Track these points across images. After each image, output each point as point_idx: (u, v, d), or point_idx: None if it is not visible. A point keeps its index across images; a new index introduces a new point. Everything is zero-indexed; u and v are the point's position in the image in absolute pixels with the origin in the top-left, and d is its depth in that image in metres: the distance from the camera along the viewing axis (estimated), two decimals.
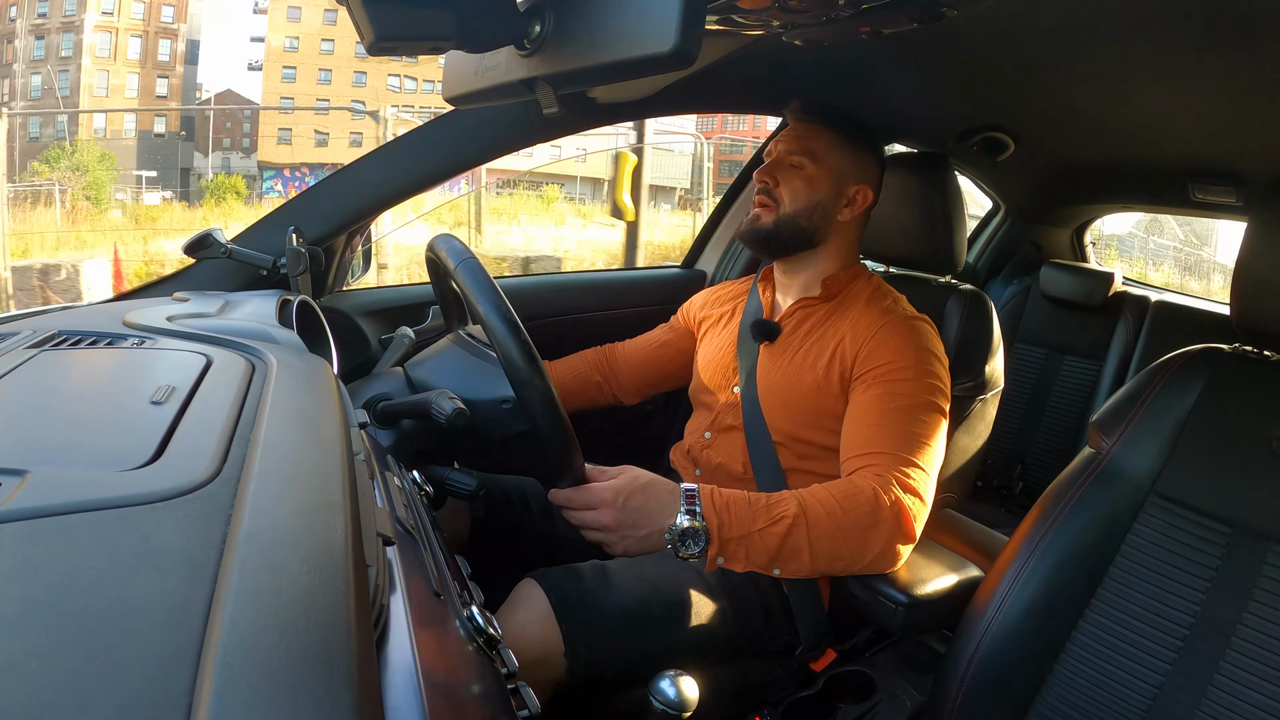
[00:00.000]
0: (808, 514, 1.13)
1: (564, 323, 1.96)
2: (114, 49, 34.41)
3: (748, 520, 1.12)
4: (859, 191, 1.45)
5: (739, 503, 1.13)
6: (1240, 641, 0.97)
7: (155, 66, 35.41)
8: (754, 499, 1.15)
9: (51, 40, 33.37)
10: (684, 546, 1.09)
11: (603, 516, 1.12)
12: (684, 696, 0.94)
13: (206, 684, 0.31)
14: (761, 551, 1.12)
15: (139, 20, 34.38)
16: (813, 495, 1.16)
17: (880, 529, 1.15)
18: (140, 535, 0.41)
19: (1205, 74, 1.32)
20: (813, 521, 1.13)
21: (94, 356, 0.79)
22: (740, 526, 1.11)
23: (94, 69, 34.08)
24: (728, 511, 1.11)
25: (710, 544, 1.10)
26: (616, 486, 1.12)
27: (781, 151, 1.45)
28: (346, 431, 0.65)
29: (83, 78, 33.63)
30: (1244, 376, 1.09)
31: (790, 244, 1.45)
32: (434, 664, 0.50)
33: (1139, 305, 2.69)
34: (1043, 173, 2.52)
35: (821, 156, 1.42)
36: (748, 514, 1.12)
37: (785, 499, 1.15)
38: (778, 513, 1.13)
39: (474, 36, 0.84)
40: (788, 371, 1.41)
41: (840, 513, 1.14)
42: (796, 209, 1.42)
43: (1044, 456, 2.78)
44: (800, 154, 1.43)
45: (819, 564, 1.14)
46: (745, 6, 1.04)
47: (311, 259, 1.42)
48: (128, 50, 34.55)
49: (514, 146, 1.59)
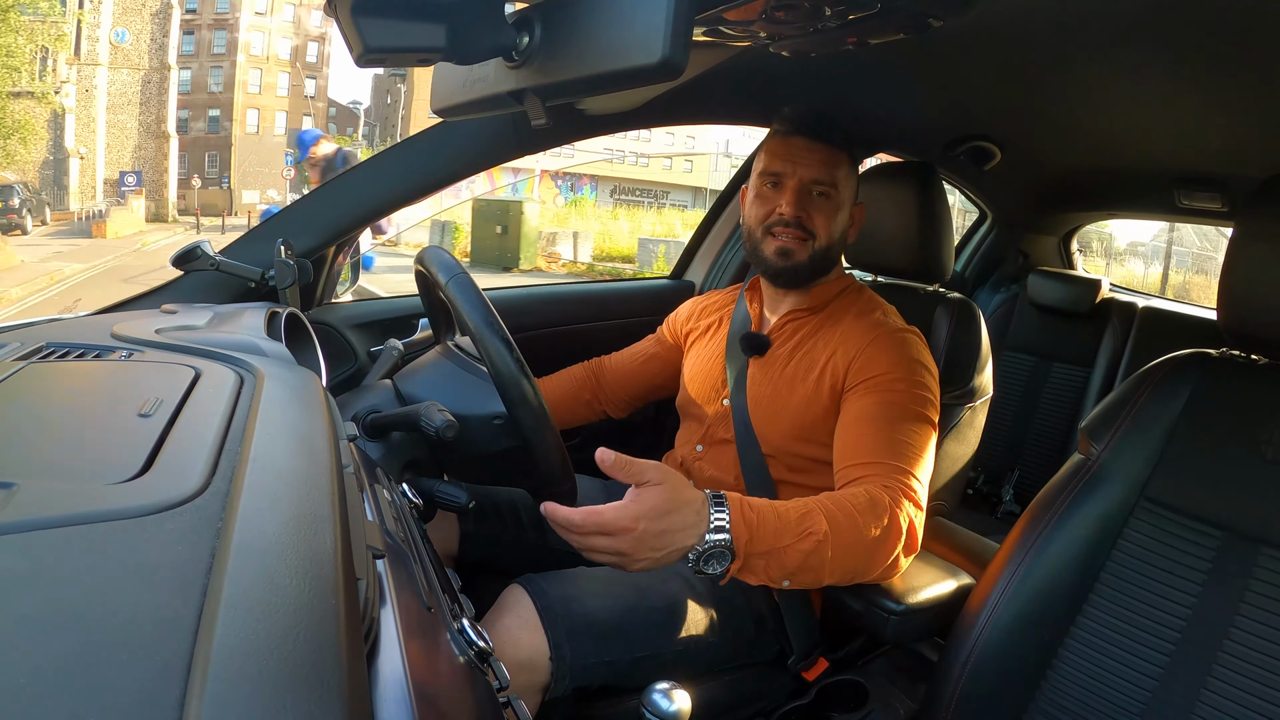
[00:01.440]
0: (833, 530, 1.07)
1: (553, 334, 1.96)
2: (266, 49, 37.36)
3: (775, 535, 1.04)
4: (858, 211, 1.46)
5: (769, 517, 1.05)
6: (1233, 645, 0.98)
7: (305, 67, 38.10)
8: (782, 512, 1.07)
9: (203, 36, 36.02)
10: (707, 566, 1.02)
11: (620, 544, 0.98)
12: (676, 707, 0.94)
13: (196, 697, 0.31)
14: (781, 567, 1.05)
15: (289, 22, 37.50)
16: (839, 509, 1.10)
17: (890, 542, 1.13)
18: (129, 548, 0.41)
19: (1189, 81, 1.33)
20: (838, 537, 1.07)
21: (82, 369, 0.79)
22: (767, 541, 1.04)
23: (248, 66, 36.98)
24: (759, 527, 1.03)
25: (735, 559, 1.02)
26: (637, 512, 0.98)
27: (808, 179, 1.39)
28: (335, 444, 0.65)
29: (237, 74, 36.56)
30: (1232, 381, 1.10)
31: (820, 275, 1.44)
32: (425, 677, 0.50)
33: (1126, 311, 2.71)
34: (1029, 181, 2.54)
35: (843, 184, 1.40)
36: (776, 528, 1.05)
37: (813, 513, 1.08)
38: (807, 528, 1.06)
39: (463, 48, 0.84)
40: (778, 384, 1.40)
41: (863, 527, 1.10)
42: (831, 241, 1.40)
43: (1034, 464, 2.79)
44: (828, 183, 1.39)
45: (833, 577, 1.10)
46: (732, 18, 1.05)
47: (300, 271, 1.42)
48: (279, 51, 37.83)
49: (503, 158, 1.59)
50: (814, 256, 1.39)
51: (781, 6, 0.99)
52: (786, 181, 1.39)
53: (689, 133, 34.95)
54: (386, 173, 1.55)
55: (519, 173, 26.52)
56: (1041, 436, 2.81)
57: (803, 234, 1.38)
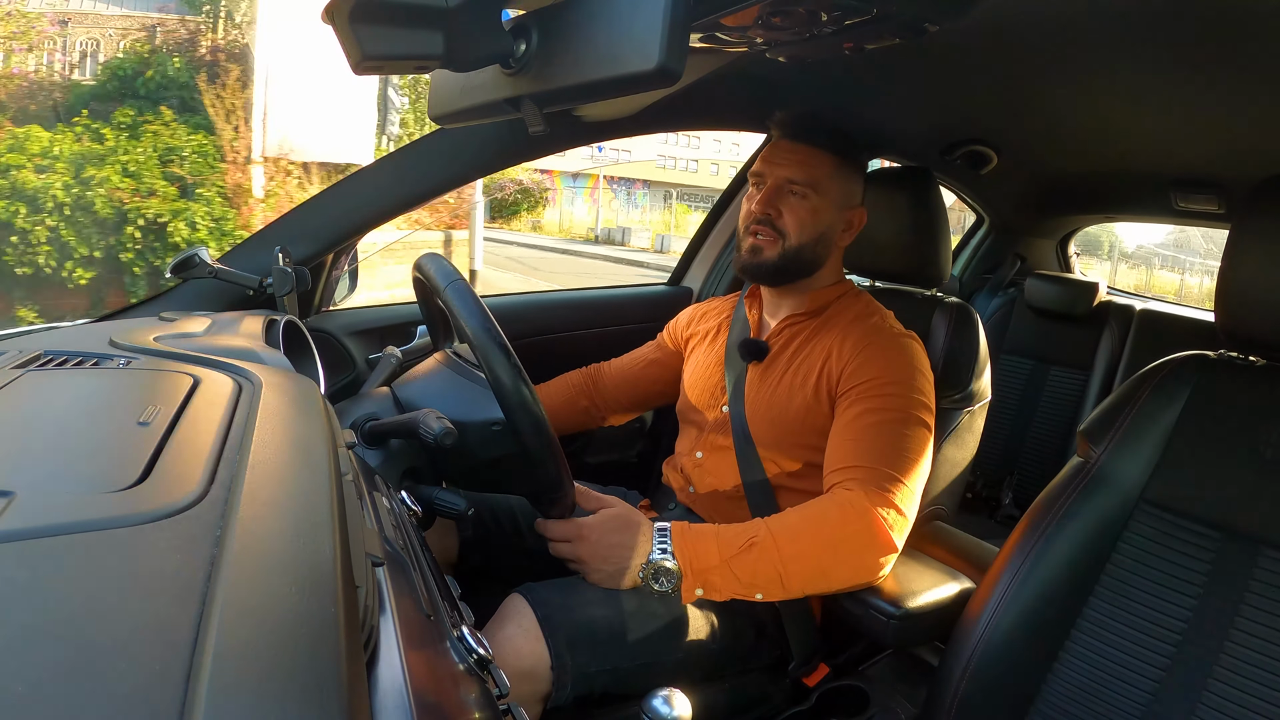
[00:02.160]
0: (776, 538, 1.17)
1: (549, 341, 1.96)
2: None
3: (716, 550, 1.17)
4: (856, 214, 1.45)
5: (707, 536, 1.18)
6: (1234, 646, 0.98)
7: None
8: (721, 531, 1.19)
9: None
10: (657, 583, 1.16)
11: (577, 549, 1.19)
12: (677, 714, 0.94)
13: (196, 706, 0.31)
14: (735, 579, 1.17)
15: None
16: (780, 520, 1.20)
17: (850, 543, 1.17)
18: (128, 557, 0.40)
19: (1185, 84, 1.33)
20: (782, 543, 1.16)
21: (80, 377, 0.79)
22: (710, 557, 1.16)
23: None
24: (698, 543, 1.17)
25: (684, 577, 1.16)
26: (593, 524, 1.20)
27: (782, 178, 1.40)
28: (334, 452, 0.65)
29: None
30: (1231, 382, 1.10)
31: (793, 275, 1.44)
32: (425, 685, 0.50)
33: (1124, 314, 2.71)
34: (1026, 185, 2.55)
35: (825, 185, 1.40)
36: (716, 544, 1.17)
37: (753, 524, 1.20)
38: (745, 539, 1.17)
39: (460, 56, 0.84)
40: (777, 391, 1.41)
41: (809, 531, 1.18)
42: (803, 241, 1.40)
43: (1033, 467, 2.79)
44: (804, 182, 1.39)
45: (797, 584, 1.18)
46: (729, 24, 1.05)
47: (298, 279, 1.42)
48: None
49: (501, 165, 1.60)
50: (784, 255, 1.40)
51: (778, 13, 0.99)
52: (766, 181, 1.42)
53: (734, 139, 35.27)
54: (384, 180, 1.56)
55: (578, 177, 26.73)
56: (1040, 440, 2.82)
57: (773, 233, 1.40)
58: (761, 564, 1.15)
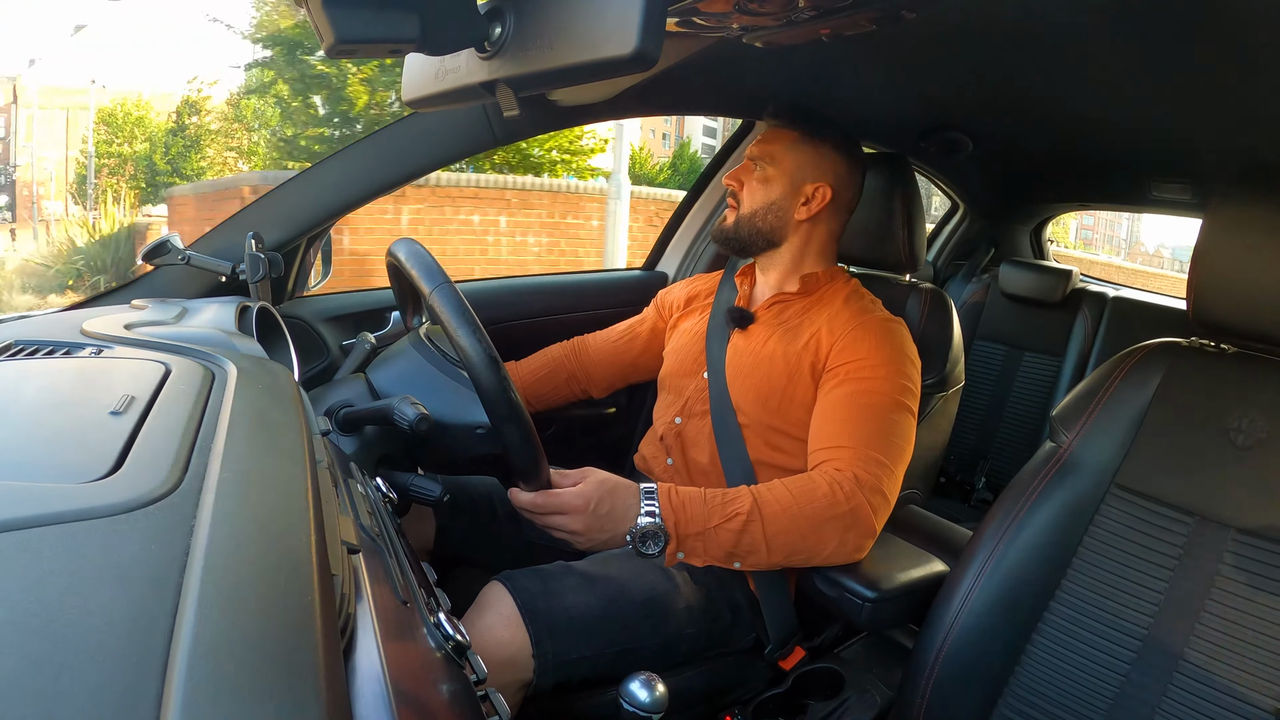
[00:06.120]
0: (762, 510, 1.16)
1: (525, 325, 1.95)
2: None
3: (703, 517, 1.15)
4: (817, 189, 1.45)
5: (695, 500, 1.16)
6: (1204, 629, 0.99)
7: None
8: (710, 496, 1.18)
9: None
10: (644, 546, 1.13)
11: (573, 523, 1.13)
12: (654, 698, 0.95)
13: (172, 697, 0.31)
14: (718, 546, 1.15)
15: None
16: (769, 490, 1.19)
17: (836, 522, 1.18)
18: (102, 548, 0.40)
19: (1160, 73, 1.34)
20: (767, 517, 1.16)
21: (51, 366, 0.78)
22: (696, 523, 1.14)
23: None
24: (684, 509, 1.15)
25: (669, 541, 1.13)
26: (586, 493, 1.14)
27: (750, 155, 1.48)
28: (309, 439, 0.65)
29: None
30: (1201, 369, 1.11)
31: (750, 244, 1.49)
32: (402, 672, 0.50)
33: (1097, 301, 2.73)
34: (1001, 171, 2.56)
35: (779, 157, 1.46)
36: (703, 511, 1.15)
37: (741, 495, 1.18)
38: (732, 509, 1.16)
39: (435, 39, 0.84)
40: (760, 355, 1.42)
41: (795, 507, 1.17)
42: (754, 209, 1.46)
43: (1006, 452, 2.81)
44: (762, 157, 1.46)
45: (776, 557, 1.17)
46: (706, 9, 1.04)
47: (271, 265, 1.40)
48: None
49: (475, 150, 1.58)
50: (738, 223, 1.49)
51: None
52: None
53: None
54: (357, 165, 1.54)
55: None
56: (1013, 425, 2.84)
57: (735, 203, 1.50)
58: (746, 534, 1.15)
